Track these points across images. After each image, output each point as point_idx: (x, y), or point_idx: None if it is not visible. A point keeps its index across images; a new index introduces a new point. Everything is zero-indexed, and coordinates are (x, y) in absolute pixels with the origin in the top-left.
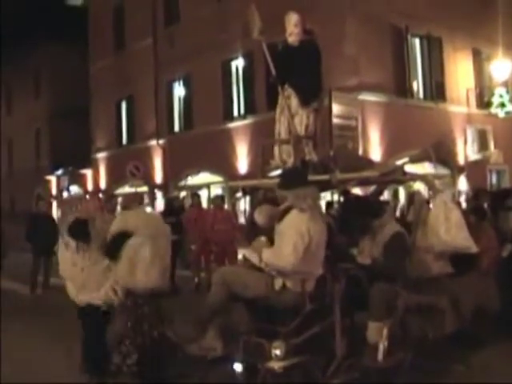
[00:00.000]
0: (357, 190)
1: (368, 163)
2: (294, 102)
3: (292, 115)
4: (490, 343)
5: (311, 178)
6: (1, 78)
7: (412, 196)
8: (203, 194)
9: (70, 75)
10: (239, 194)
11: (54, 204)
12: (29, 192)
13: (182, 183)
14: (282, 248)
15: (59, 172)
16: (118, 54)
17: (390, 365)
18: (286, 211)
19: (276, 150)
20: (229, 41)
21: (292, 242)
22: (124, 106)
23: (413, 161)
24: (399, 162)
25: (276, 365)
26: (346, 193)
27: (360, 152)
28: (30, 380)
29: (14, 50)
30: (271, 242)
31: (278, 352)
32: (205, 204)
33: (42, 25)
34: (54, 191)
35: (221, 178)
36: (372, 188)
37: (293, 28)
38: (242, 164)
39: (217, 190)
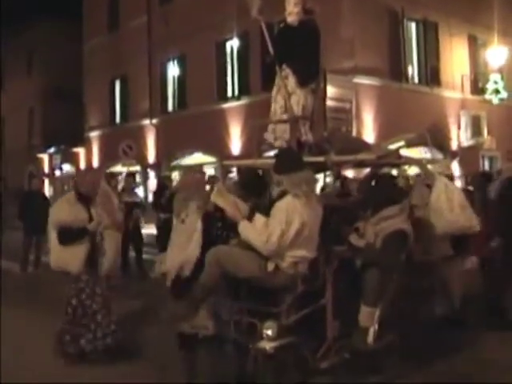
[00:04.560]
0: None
1: (363, 145)
2: (292, 81)
3: (289, 95)
4: (476, 328)
5: (306, 159)
6: None
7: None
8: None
9: (64, 53)
10: (233, 175)
11: (47, 182)
12: (21, 170)
13: (175, 163)
14: (265, 229)
15: (51, 150)
16: (112, 32)
17: (380, 347)
18: (282, 195)
19: (272, 128)
20: (224, 21)
21: (279, 228)
22: (118, 84)
23: (409, 145)
24: (395, 146)
25: (267, 345)
26: (340, 176)
27: (354, 134)
28: (17, 357)
29: (6, 28)
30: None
31: (269, 332)
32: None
33: (35, 3)
34: (46, 169)
35: (214, 159)
36: (366, 171)
37: (292, 7)
38: (236, 145)
39: (210, 171)
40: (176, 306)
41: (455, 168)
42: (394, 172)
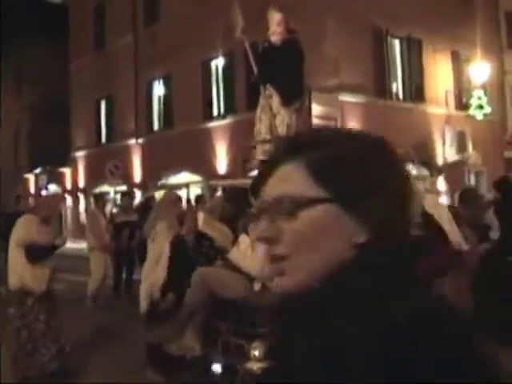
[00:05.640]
0: None
1: None
2: (276, 101)
3: (274, 115)
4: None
5: None
6: None
7: None
8: (183, 194)
9: (50, 73)
10: (219, 194)
11: (32, 202)
12: (7, 191)
13: (161, 182)
14: (250, 252)
15: (38, 170)
16: (98, 52)
17: None
18: None
19: (257, 149)
20: (209, 40)
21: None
22: (103, 104)
23: None
24: None
25: (255, 365)
26: None
27: None
28: None
29: None
30: None
31: (256, 353)
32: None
33: (22, 23)
34: (32, 190)
35: (200, 178)
36: None
37: (276, 27)
38: (222, 163)
39: (196, 190)
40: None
41: (441, 184)
42: None
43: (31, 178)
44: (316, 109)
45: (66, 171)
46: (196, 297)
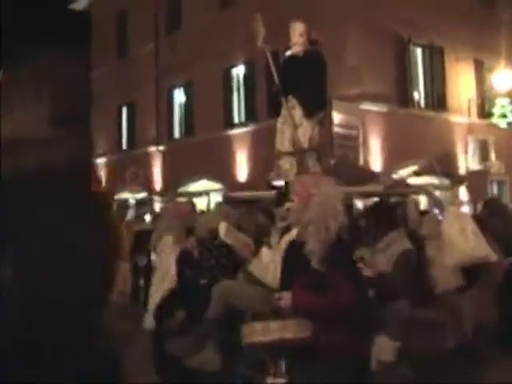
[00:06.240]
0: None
1: (370, 175)
2: (298, 113)
3: (296, 126)
4: (490, 359)
5: None
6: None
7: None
8: (202, 202)
9: (71, 81)
10: None
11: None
12: None
13: (181, 190)
14: (273, 267)
15: None
16: (119, 60)
17: (393, 380)
18: (288, 229)
19: (278, 161)
20: (230, 48)
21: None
22: (125, 111)
23: (417, 174)
24: (403, 175)
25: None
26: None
27: (361, 162)
28: None
29: (14, 55)
30: None
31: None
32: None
33: (43, 30)
34: None
35: (220, 186)
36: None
37: (298, 37)
38: (242, 172)
39: (217, 197)
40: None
41: (463, 194)
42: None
43: None
44: (337, 117)
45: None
46: (217, 310)
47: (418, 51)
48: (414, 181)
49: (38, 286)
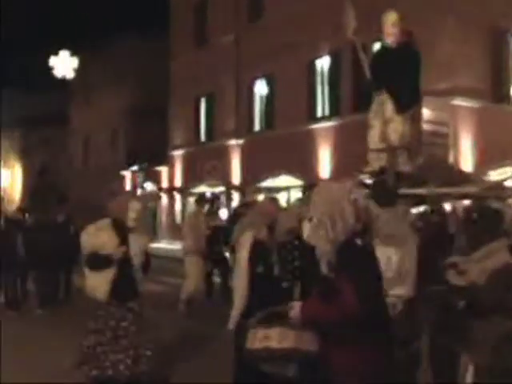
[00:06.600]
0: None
1: (464, 176)
2: (390, 107)
3: (386, 121)
4: None
5: (405, 191)
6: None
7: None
8: (282, 198)
9: (151, 71)
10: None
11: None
12: (103, 188)
13: (260, 185)
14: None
15: (134, 168)
16: (199, 49)
17: None
18: None
19: (370, 156)
20: (314, 39)
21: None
22: (203, 102)
23: None
24: (500, 177)
25: None
26: (439, 209)
27: (451, 161)
28: None
29: (96, 45)
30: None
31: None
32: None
33: (127, 19)
34: (128, 187)
35: (301, 182)
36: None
37: (391, 28)
38: (325, 168)
39: (298, 194)
40: None
41: None
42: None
43: (128, 175)
44: (427, 113)
45: (163, 170)
46: None
47: None
48: (511, 183)
49: None
